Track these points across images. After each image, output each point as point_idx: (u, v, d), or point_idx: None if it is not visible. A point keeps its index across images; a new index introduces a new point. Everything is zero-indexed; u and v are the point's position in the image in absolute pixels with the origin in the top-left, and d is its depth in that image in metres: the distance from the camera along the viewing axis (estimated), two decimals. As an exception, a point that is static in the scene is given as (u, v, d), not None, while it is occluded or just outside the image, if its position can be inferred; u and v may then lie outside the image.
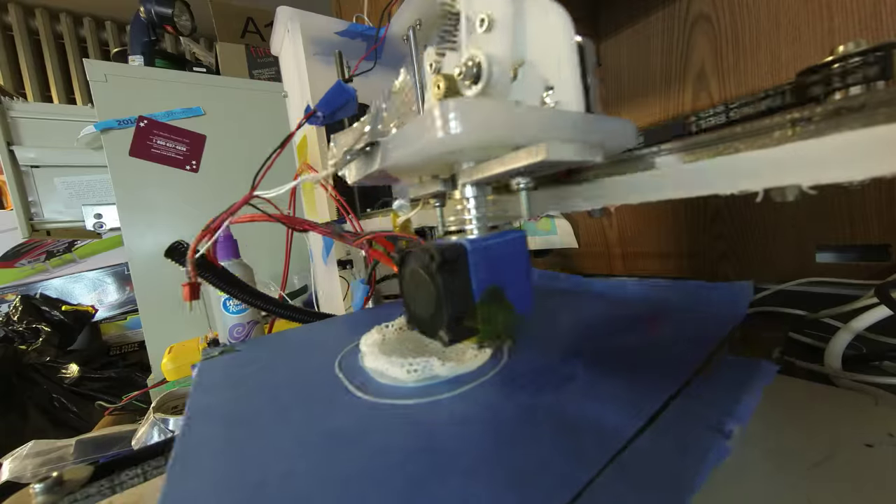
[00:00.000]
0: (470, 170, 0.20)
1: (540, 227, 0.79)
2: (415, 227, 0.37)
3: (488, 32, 0.18)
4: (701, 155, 0.18)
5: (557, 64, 0.18)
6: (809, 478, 0.17)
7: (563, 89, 0.18)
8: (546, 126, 0.16)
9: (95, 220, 1.04)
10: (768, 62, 0.47)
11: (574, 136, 0.16)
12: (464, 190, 0.20)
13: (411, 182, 0.25)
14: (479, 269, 0.17)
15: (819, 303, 0.36)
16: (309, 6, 0.50)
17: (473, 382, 0.20)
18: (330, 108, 0.29)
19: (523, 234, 0.19)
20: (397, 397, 0.20)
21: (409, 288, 0.19)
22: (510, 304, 0.18)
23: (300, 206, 0.67)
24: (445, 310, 0.17)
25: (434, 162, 0.19)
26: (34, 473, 0.43)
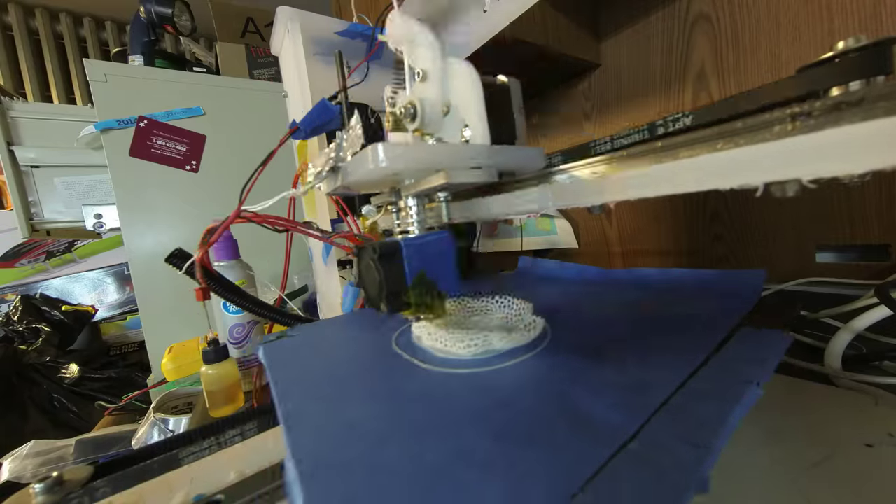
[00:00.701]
0: (409, 185, 0.25)
1: (540, 227, 0.79)
2: (382, 228, 0.42)
3: (423, 82, 0.24)
4: (701, 150, 0.18)
5: (469, 108, 0.23)
6: (809, 478, 0.17)
7: (474, 126, 0.23)
8: (450, 156, 0.22)
9: (95, 220, 1.04)
10: (768, 62, 0.47)
11: (477, 162, 0.22)
12: (406, 200, 0.26)
13: (372, 192, 0.32)
14: (410, 260, 0.23)
15: (819, 303, 0.36)
16: (309, 6, 0.50)
17: (528, 354, 0.23)
18: (311, 125, 0.32)
19: (447, 234, 0.24)
20: (460, 367, 0.22)
21: (363, 274, 0.25)
22: (438, 286, 0.23)
23: (300, 206, 0.67)
24: (385, 289, 0.22)
25: (380, 180, 0.25)
26: (34, 473, 0.43)
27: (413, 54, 0.25)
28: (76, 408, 1.04)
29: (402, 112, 0.24)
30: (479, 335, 0.24)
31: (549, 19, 0.57)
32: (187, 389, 0.53)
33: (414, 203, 0.26)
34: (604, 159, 0.24)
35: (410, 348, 0.26)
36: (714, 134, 0.18)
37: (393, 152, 0.20)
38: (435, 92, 0.24)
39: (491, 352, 0.24)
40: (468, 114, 0.23)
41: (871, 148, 0.13)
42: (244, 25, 1.25)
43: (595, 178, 0.23)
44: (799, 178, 0.15)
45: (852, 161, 0.13)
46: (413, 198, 0.26)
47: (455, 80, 0.24)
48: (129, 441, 0.48)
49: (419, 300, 0.23)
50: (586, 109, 0.70)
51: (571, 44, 0.61)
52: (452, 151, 0.22)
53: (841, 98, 0.14)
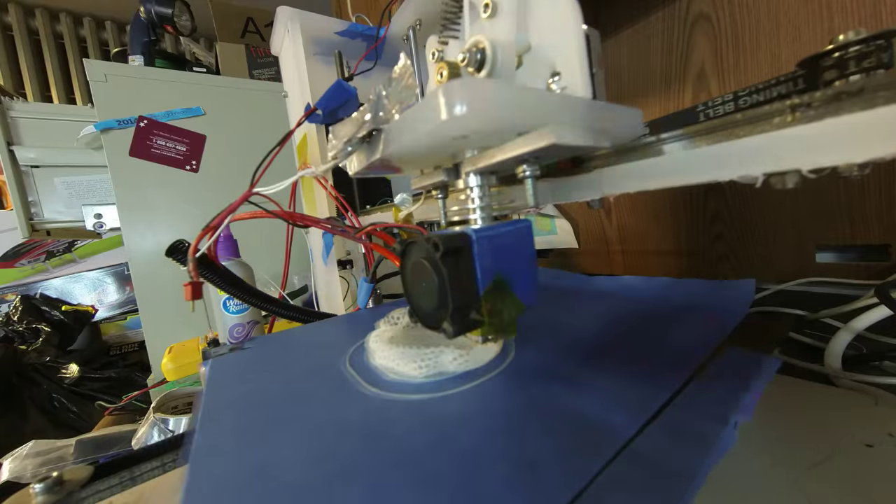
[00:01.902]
0: (474, 158, 0.19)
1: (540, 227, 0.79)
2: (416, 222, 0.37)
3: (492, 18, 0.18)
4: (700, 142, 0.18)
5: (564, 50, 0.17)
6: (809, 478, 0.17)
7: (570, 76, 0.17)
8: (553, 110, 0.15)
9: (95, 220, 1.04)
10: (768, 62, 0.47)
11: (582, 121, 0.16)
12: (467, 179, 0.20)
13: (413, 173, 0.25)
14: (484, 259, 0.17)
15: (819, 303, 0.36)
16: (309, 6, 0.50)
17: (482, 378, 0.20)
18: (330, 107, 0.29)
19: (529, 223, 0.19)
20: (408, 392, 0.20)
21: (412, 279, 0.19)
22: (515, 295, 0.18)
23: (300, 204, 0.67)
24: (450, 301, 0.16)
25: (438, 149, 0.19)
26: (34, 473, 0.43)
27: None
28: (76, 408, 1.04)
29: (465, 58, 0.18)
30: (430, 355, 0.21)
31: (549, 19, 0.57)
32: (187, 389, 0.53)
33: (477, 183, 0.20)
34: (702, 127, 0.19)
35: (363, 368, 0.24)
36: (714, 126, 0.18)
37: (480, 95, 0.14)
38: (509, 30, 0.18)
39: (445, 374, 0.21)
40: (562, 58, 0.18)
41: (871, 137, 0.13)
42: (244, 25, 1.25)
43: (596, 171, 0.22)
44: (799, 168, 0.15)
45: (853, 150, 0.13)
46: (476, 176, 0.20)
47: (541, 13, 0.18)
48: (129, 441, 0.48)
49: (494, 314, 0.17)
50: (586, 109, 0.70)
51: (571, 44, 0.61)
52: (559, 102, 0.16)
53: (841, 88, 0.14)
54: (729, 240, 0.54)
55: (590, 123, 0.16)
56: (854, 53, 0.15)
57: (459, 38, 0.20)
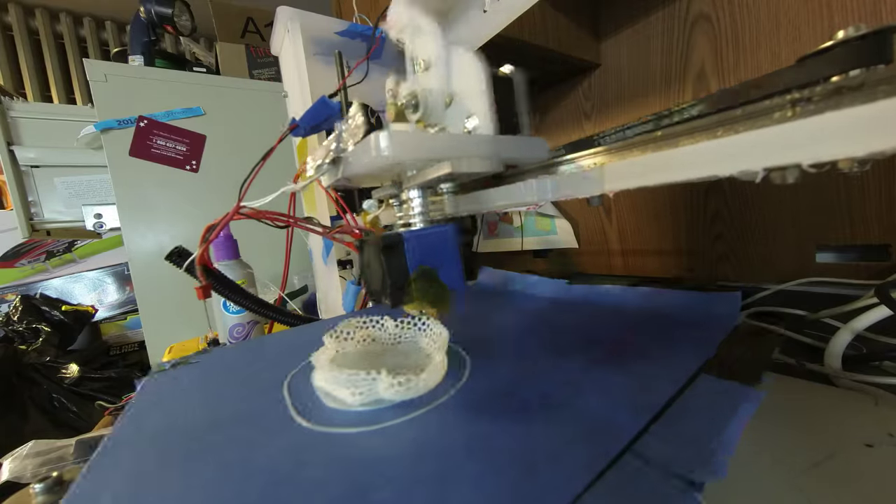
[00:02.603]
0: (412, 177, 0.25)
1: (540, 227, 0.79)
2: (383, 224, 0.42)
3: (426, 72, 0.24)
4: (700, 137, 0.18)
5: (473, 96, 0.23)
6: (809, 478, 0.17)
7: (479, 116, 0.23)
8: (454, 146, 0.21)
9: (95, 220, 1.04)
10: (768, 62, 0.47)
11: (481, 153, 0.22)
12: (409, 192, 0.25)
13: (373, 185, 0.32)
14: (412, 253, 0.22)
15: (819, 303, 0.36)
16: (309, 6, 0.50)
17: (426, 407, 0.19)
18: (311, 123, 0.31)
19: (450, 227, 0.24)
20: (339, 425, 0.19)
21: (366, 266, 0.24)
22: (441, 281, 0.23)
23: (300, 204, 0.67)
24: (387, 281, 0.22)
25: (383, 171, 0.24)
26: (34, 473, 0.43)
27: (415, 44, 0.25)
28: (76, 408, 1.04)
29: (403, 103, 0.24)
30: (365, 381, 0.20)
31: (549, 19, 0.57)
32: (187, 389, 0.53)
33: (417, 195, 0.25)
34: (604, 150, 0.24)
35: (301, 391, 0.23)
36: (714, 122, 0.18)
37: (396, 140, 0.19)
38: (438, 82, 0.24)
39: (383, 402, 0.20)
40: (473, 103, 0.23)
41: (871, 130, 0.13)
42: (244, 25, 1.25)
43: (595, 168, 0.23)
44: (799, 162, 0.15)
45: (853, 144, 0.13)
46: (416, 190, 0.25)
47: (458, 69, 0.23)
48: (129, 441, 0.48)
49: (422, 293, 0.22)
50: (586, 109, 0.70)
51: (571, 44, 0.61)
52: (457, 141, 0.21)
53: (841, 83, 0.14)
54: (729, 240, 0.54)
55: (489, 154, 0.22)
56: (854, 49, 0.15)
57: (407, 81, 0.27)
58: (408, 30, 0.25)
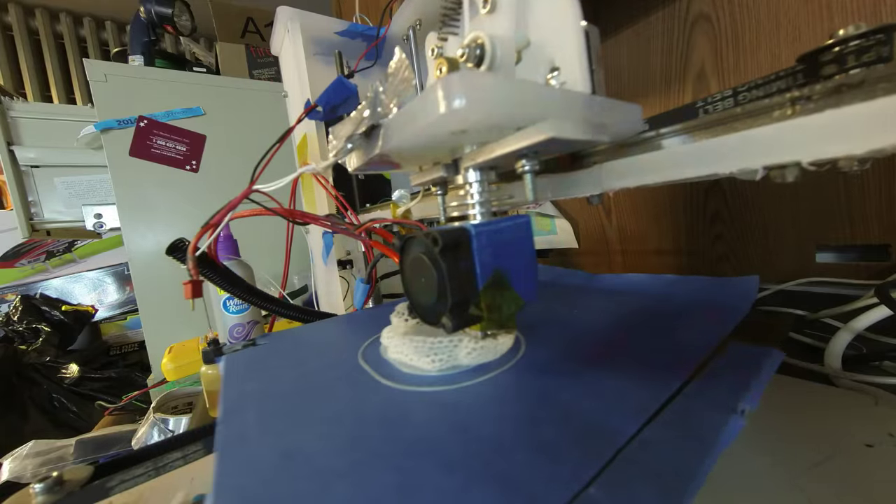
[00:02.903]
0: (473, 153, 0.19)
1: (540, 227, 0.79)
2: (415, 219, 0.37)
3: (491, 13, 0.18)
4: (700, 136, 0.18)
5: (563, 46, 0.17)
6: (809, 478, 0.17)
7: (569, 71, 0.17)
8: (552, 104, 0.15)
9: (95, 220, 1.04)
10: (768, 62, 0.47)
11: (580, 116, 0.16)
12: (466, 174, 0.20)
13: (412, 169, 0.24)
14: (483, 254, 0.17)
15: (819, 303, 0.36)
16: (309, 6, 0.50)
17: (496, 371, 0.21)
18: (330, 103, 0.29)
19: (528, 218, 0.19)
20: (424, 385, 0.20)
21: (411, 275, 0.19)
22: (514, 290, 0.18)
23: (300, 203, 0.67)
24: (449, 296, 0.16)
25: (436, 144, 0.18)
26: (34, 473, 0.43)
27: None
28: (76, 408, 1.04)
29: (464, 54, 0.18)
30: (444, 348, 0.21)
31: (549, 19, 0.57)
32: (187, 389, 0.53)
33: (476, 178, 0.20)
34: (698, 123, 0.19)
35: (376, 362, 0.24)
36: (713, 120, 0.18)
37: (477, 87, 0.13)
38: (508, 26, 0.18)
39: (459, 367, 0.21)
40: (560, 52, 0.18)
41: (871, 128, 0.13)
42: (244, 25, 1.25)
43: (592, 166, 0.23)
44: (799, 160, 0.15)
45: (853, 142, 0.13)
46: (476, 171, 0.19)
47: (539, 7, 0.18)
48: (129, 441, 0.48)
49: (493, 309, 0.17)
50: (586, 109, 0.70)
51: (571, 44, 0.61)
52: (559, 97, 0.16)
53: (841, 81, 0.14)
54: (729, 240, 0.54)
55: (588, 118, 0.16)
56: (854, 48, 0.15)
57: (459, 35, 0.20)
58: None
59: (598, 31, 0.18)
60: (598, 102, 0.17)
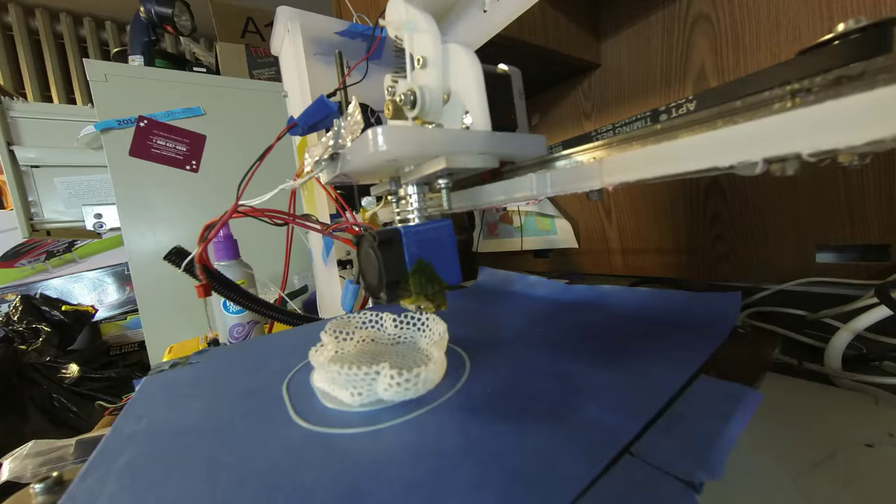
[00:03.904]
0: (409, 172, 0.25)
1: (540, 227, 0.79)
2: (382, 221, 0.42)
3: (423, 69, 0.24)
4: (700, 129, 0.18)
5: (469, 94, 0.23)
6: (809, 478, 0.17)
7: (475, 112, 0.23)
8: (450, 142, 0.21)
9: (95, 220, 1.04)
10: (768, 62, 0.47)
11: (474, 149, 0.22)
12: (406, 188, 0.26)
13: (372, 182, 0.32)
14: (409, 247, 0.22)
15: (819, 303, 0.36)
16: (309, 6, 0.50)
17: (424, 408, 0.20)
18: (309, 122, 0.31)
19: (448, 222, 0.24)
20: (338, 425, 0.19)
21: (363, 262, 0.24)
22: (438, 275, 0.23)
23: (300, 204, 0.67)
24: (384, 276, 0.21)
25: (380, 167, 0.24)
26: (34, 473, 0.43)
27: (413, 41, 0.25)
28: (76, 408, 1.04)
29: (401, 99, 0.24)
30: (362, 382, 0.20)
31: (549, 19, 0.57)
32: (187, 389, 0.53)
33: (414, 191, 0.25)
34: (602, 144, 0.24)
35: (301, 391, 0.23)
36: (713, 114, 0.18)
37: (393, 136, 0.20)
38: (435, 78, 0.23)
39: (383, 402, 0.20)
40: (469, 100, 0.23)
41: (871, 118, 0.13)
42: (244, 25, 1.25)
43: (593, 162, 0.23)
44: (799, 152, 0.15)
45: (853, 132, 0.13)
46: (413, 185, 0.25)
47: (455, 65, 0.23)
48: (129, 441, 0.48)
49: (419, 288, 0.22)
50: (586, 109, 0.70)
51: (571, 44, 0.61)
52: (452, 136, 0.22)
53: (841, 73, 0.14)
54: (729, 240, 0.54)
55: (483, 150, 0.22)
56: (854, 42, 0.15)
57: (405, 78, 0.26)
58: (404, 27, 0.25)
59: (519, 72, 0.25)
60: (497, 137, 0.22)
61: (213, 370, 0.28)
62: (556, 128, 0.77)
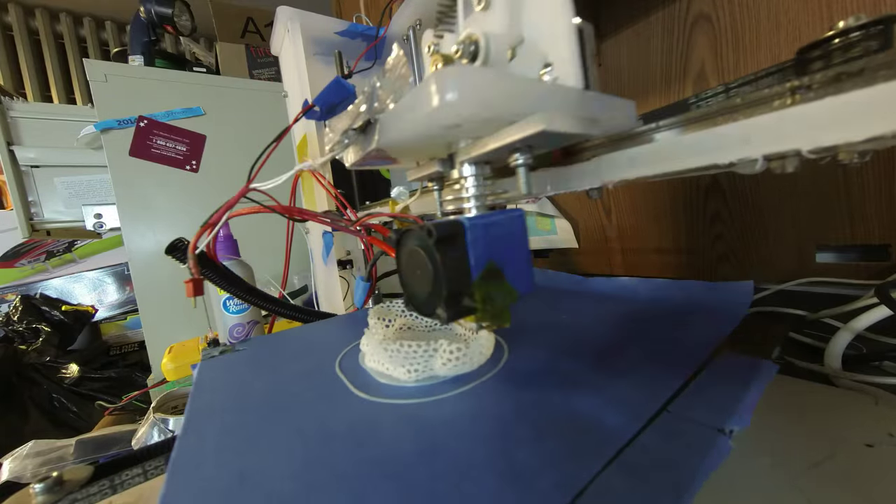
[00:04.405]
0: (467, 147, 0.19)
1: (540, 227, 0.79)
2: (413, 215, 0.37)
3: (486, 10, 0.18)
4: (700, 126, 0.18)
5: (556, 42, 0.17)
6: (809, 478, 0.17)
7: (562, 66, 0.17)
8: (544, 98, 0.16)
9: (95, 220, 1.04)
10: (768, 62, 0.47)
11: (572, 110, 0.16)
12: (462, 169, 0.20)
13: (409, 165, 0.25)
14: (477, 246, 0.17)
15: (819, 303, 0.36)
16: (309, 6, 0.50)
17: (475, 381, 0.20)
18: (328, 103, 0.29)
19: (522, 212, 0.19)
20: (399, 397, 0.20)
21: (407, 267, 0.19)
22: (509, 283, 0.18)
23: (300, 203, 0.67)
24: (444, 287, 0.16)
25: (431, 138, 0.19)
26: (34, 473, 0.43)
27: None
28: (76, 408, 1.04)
29: (458, 50, 0.18)
30: (420, 358, 0.21)
31: (549, 19, 0.57)
32: (187, 389, 0.53)
33: (472, 172, 0.20)
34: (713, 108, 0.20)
35: (354, 371, 0.23)
36: (713, 111, 0.18)
37: (470, 82, 0.14)
38: (502, 22, 0.18)
39: (437, 377, 0.21)
40: (553, 49, 0.18)
41: (871, 114, 0.13)
42: (244, 25, 1.25)
43: (594, 160, 0.23)
44: (799, 148, 0.14)
45: (852, 128, 0.13)
46: (471, 165, 0.20)
47: (532, 5, 0.18)
48: (129, 441, 0.48)
49: (487, 301, 0.17)
50: (586, 109, 0.70)
51: (571, 44, 0.61)
52: (548, 91, 0.16)
53: (841, 69, 0.14)
54: (729, 240, 0.54)
55: (580, 113, 0.16)
56: (855, 39, 0.15)
57: (455, 32, 0.20)
58: None
59: (592, 28, 0.18)
60: (591, 97, 0.17)
61: (263, 356, 0.29)
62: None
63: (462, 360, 0.21)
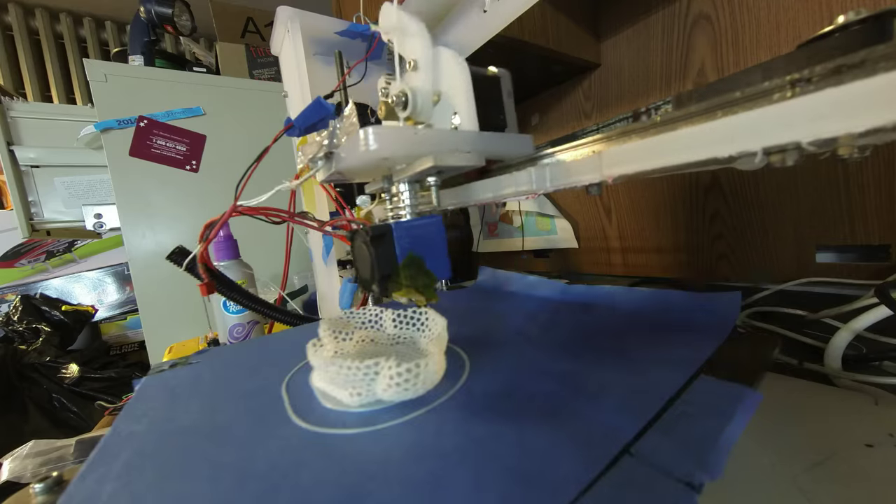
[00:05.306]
0: (400, 171, 0.26)
1: (540, 227, 0.79)
2: (378, 218, 0.43)
3: (414, 71, 0.25)
4: (700, 120, 0.18)
5: (457, 96, 0.24)
6: (809, 478, 0.17)
7: (462, 113, 0.24)
8: (440, 142, 0.22)
9: (95, 220, 1.04)
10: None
11: (463, 148, 0.23)
12: (398, 185, 0.27)
13: (367, 180, 0.33)
14: (401, 242, 0.23)
15: (819, 303, 0.36)
16: (309, 6, 0.50)
17: (424, 408, 0.19)
18: (306, 123, 0.32)
19: (438, 218, 0.24)
20: (336, 426, 0.19)
21: (357, 257, 0.25)
22: (429, 270, 0.24)
23: (300, 203, 0.67)
24: (377, 270, 0.23)
25: (373, 166, 0.25)
26: (34, 473, 0.43)
27: (403, 44, 0.26)
28: (76, 408, 1.04)
29: (393, 101, 0.25)
30: (361, 381, 0.20)
31: (549, 19, 0.57)
32: (187, 389, 0.53)
33: (406, 189, 0.26)
34: (599, 138, 0.24)
35: (300, 391, 0.23)
36: (713, 105, 0.18)
37: (382, 136, 0.21)
38: (425, 81, 0.25)
39: (383, 402, 0.20)
40: (457, 101, 0.24)
41: (871, 105, 0.13)
42: (244, 25, 1.25)
43: (590, 156, 0.23)
44: (799, 141, 0.14)
45: (852, 119, 0.13)
46: (404, 183, 0.26)
47: (445, 69, 0.24)
48: (129, 441, 0.48)
49: (410, 281, 0.23)
50: (586, 109, 0.70)
51: (571, 44, 0.61)
52: (440, 136, 0.23)
53: (841, 61, 0.14)
54: (729, 240, 0.54)
55: (471, 148, 0.23)
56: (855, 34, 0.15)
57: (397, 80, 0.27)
58: (396, 31, 0.26)
59: (509, 74, 0.25)
60: (485, 137, 0.24)
61: (213, 370, 0.28)
62: (556, 127, 0.77)
63: (407, 384, 0.19)
